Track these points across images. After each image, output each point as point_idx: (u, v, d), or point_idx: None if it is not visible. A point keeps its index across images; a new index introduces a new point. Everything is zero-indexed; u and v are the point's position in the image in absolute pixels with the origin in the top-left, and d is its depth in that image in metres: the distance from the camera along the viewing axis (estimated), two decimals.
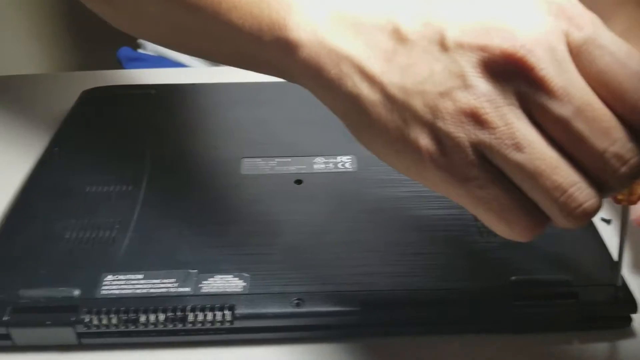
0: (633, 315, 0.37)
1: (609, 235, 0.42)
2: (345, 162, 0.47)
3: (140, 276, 0.37)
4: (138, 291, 0.36)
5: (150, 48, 0.78)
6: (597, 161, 0.26)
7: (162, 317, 0.35)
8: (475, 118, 0.27)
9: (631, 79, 0.26)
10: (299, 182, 0.45)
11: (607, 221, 0.45)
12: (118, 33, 0.43)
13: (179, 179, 0.45)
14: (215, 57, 0.39)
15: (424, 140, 0.28)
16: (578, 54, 0.27)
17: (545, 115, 0.26)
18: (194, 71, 0.69)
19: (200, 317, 0.35)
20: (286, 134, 0.49)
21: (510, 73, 0.26)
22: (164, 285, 0.37)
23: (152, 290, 0.36)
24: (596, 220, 0.43)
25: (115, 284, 0.37)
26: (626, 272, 0.39)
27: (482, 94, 0.26)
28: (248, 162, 0.46)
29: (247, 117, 0.51)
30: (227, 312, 0.35)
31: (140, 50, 0.79)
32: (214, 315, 0.35)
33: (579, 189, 0.26)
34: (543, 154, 0.26)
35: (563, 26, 0.27)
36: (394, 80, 0.28)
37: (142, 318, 0.35)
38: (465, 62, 0.27)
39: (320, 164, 0.46)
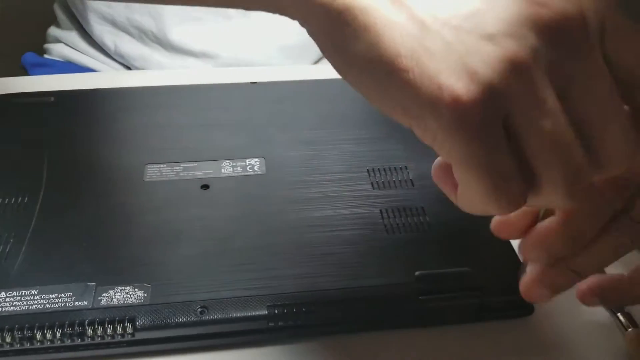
0: (535, 304, 0.38)
1: None
2: (254, 164, 0.46)
3: (35, 291, 0.36)
4: (33, 307, 0.35)
5: (56, 53, 0.75)
6: (612, 144, 0.26)
7: (59, 333, 0.34)
8: (517, 70, 0.24)
9: None
10: (205, 187, 0.44)
11: None
12: (22, 38, 0.41)
13: (78, 189, 0.43)
14: None
15: (450, 79, 0.24)
16: (610, 38, 0.26)
17: (578, 90, 0.25)
18: (101, 76, 0.66)
19: (100, 331, 0.34)
20: (192, 139, 0.48)
21: (562, 37, 0.24)
22: (60, 299, 0.35)
23: (47, 306, 0.35)
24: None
25: (8, 301, 0.35)
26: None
27: (530, 48, 0.24)
28: (152, 168, 0.45)
29: (151, 122, 0.49)
30: (127, 324, 0.34)
31: (46, 56, 0.76)
32: (114, 328, 0.34)
33: (587, 168, 0.26)
34: (566, 128, 0.25)
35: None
36: (427, 6, 0.25)
37: (38, 335, 0.34)
38: (520, 10, 0.24)
39: (227, 167, 0.46)
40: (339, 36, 0.26)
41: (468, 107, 0.24)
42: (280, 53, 0.71)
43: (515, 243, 0.41)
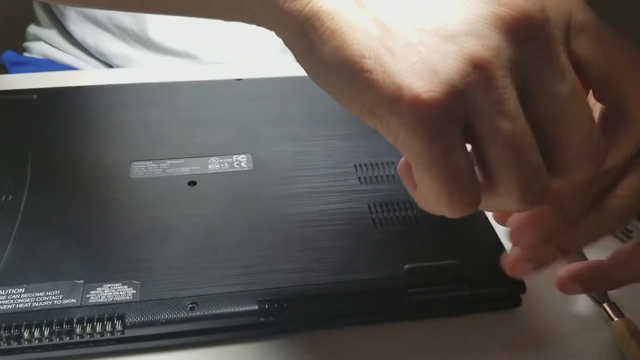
0: (522, 296, 0.39)
1: None
2: (240, 161, 0.46)
3: (22, 290, 0.35)
4: (20, 306, 0.34)
5: (36, 51, 0.74)
6: (576, 146, 0.26)
7: (47, 331, 0.33)
8: (478, 69, 0.24)
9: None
10: (192, 183, 0.44)
11: None
12: (1, 37, 0.40)
13: (63, 186, 0.42)
14: None
15: (410, 79, 0.24)
16: (577, 36, 0.26)
17: (540, 89, 0.25)
18: (82, 74, 0.66)
19: (89, 329, 0.34)
20: (178, 135, 0.48)
21: (524, 36, 0.25)
22: (48, 298, 0.35)
23: (35, 304, 0.34)
24: None
25: None
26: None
27: (493, 48, 0.24)
28: (138, 165, 0.44)
29: (136, 119, 0.49)
30: (116, 321, 0.34)
31: (25, 54, 0.75)
32: (103, 326, 0.34)
33: (543, 173, 0.26)
34: (525, 129, 0.25)
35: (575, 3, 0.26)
36: (391, 9, 0.25)
37: (26, 334, 0.33)
38: (481, 11, 0.25)
39: (214, 164, 0.45)
40: (308, 42, 0.26)
41: (427, 106, 0.24)
42: (262, 53, 0.71)
43: (503, 236, 0.41)
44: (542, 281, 0.41)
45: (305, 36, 0.26)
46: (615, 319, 0.38)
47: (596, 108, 0.30)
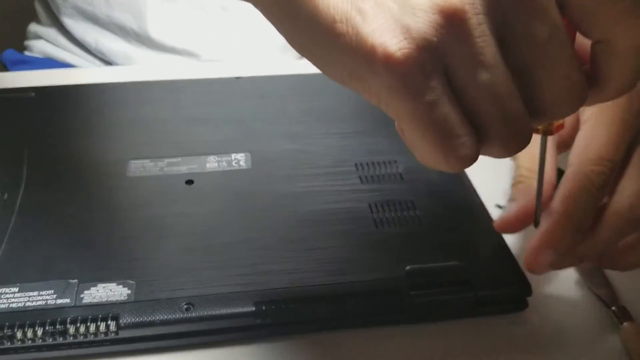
0: (528, 298, 0.38)
1: None
2: (239, 159, 0.45)
3: (15, 289, 0.34)
4: (13, 305, 0.34)
5: (37, 49, 0.73)
6: (556, 90, 0.25)
7: (40, 331, 0.33)
8: (453, 21, 0.23)
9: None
10: (190, 182, 0.43)
11: (501, 207, 0.46)
12: (2, 35, 0.40)
13: (59, 185, 0.42)
14: None
15: (382, 38, 0.24)
16: None
17: (518, 33, 0.24)
18: (80, 71, 0.65)
19: (82, 329, 0.33)
20: (176, 134, 0.47)
21: None
22: (42, 297, 0.34)
23: (28, 304, 0.34)
24: (490, 206, 0.44)
25: None
26: (517, 256, 0.39)
27: None
28: (135, 163, 0.44)
29: (134, 117, 0.48)
30: (111, 322, 0.33)
31: (26, 53, 0.74)
32: (97, 327, 0.33)
33: (526, 118, 0.25)
34: (504, 78, 0.24)
35: None
36: None
37: (19, 334, 0.33)
38: None
39: (213, 162, 0.45)
40: (285, 11, 0.26)
41: (402, 65, 0.23)
42: (262, 51, 0.70)
43: (508, 237, 0.40)
44: (549, 283, 0.40)
45: (282, 6, 0.26)
46: (625, 323, 0.37)
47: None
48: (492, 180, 0.48)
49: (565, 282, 0.40)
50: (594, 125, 0.35)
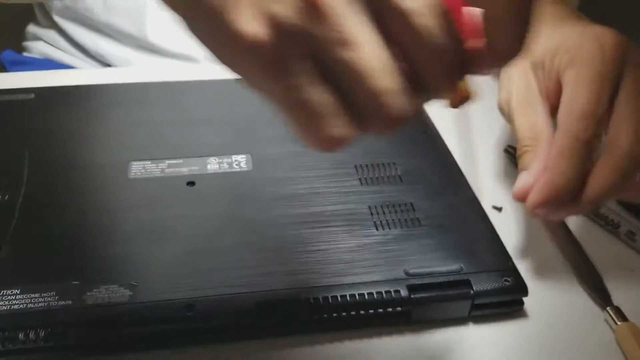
0: (525, 299, 0.38)
1: (500, 222, 0.42)
2: (240, 161, 0.45)
3: (17, 291, 0.35)
4: (15, 307, 0.34)
5: (36, 51, 0.73)
6: (434, 67, 0.25)
7: (42, 333, 0.33)
8: (316, 4, 0.23)
9: None
10: (191, 184, 0.43)
11: (499, 209, 0.46)
12: (0, 36, 0.40)
13: (60, 186, 0.42)
14: None
15: (247, 24, 0.24)
16: None
17: (388, 5, 0.24)
18: (80, 73, 0.65)
19: (84, 330, 0.33)
20: (177, 135, 0.47)
21: None
22: (44, 299, 0.34)
23: (30, 306, 0.34)
24: (487, 208, 0.44)
25: None
26: (514, 257, 0.39)
27: None
28: (136, 165, 0.44)
29: (135, 118, 0.49)
30: (112, 323, 0.33)
31: (25, 54, 0.74)
32: (99, 328, 0.33)
33: (400, 94, 0.25)
34: (372, 54, 0.24)
35: None
36: None
37: (21, 335, 0.33)
38: None
39: (214, 164, 0.45)
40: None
41: (264, 50, 0.24)
42: None
43: (505, 239, 0.41)
44: (545, 284, 0.40)
45: None
46: (619, 323, 0.37)
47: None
48: (491, 181, 0.49)
49: (560, 284, 0.41)
50: (573, 85, 0.38)
